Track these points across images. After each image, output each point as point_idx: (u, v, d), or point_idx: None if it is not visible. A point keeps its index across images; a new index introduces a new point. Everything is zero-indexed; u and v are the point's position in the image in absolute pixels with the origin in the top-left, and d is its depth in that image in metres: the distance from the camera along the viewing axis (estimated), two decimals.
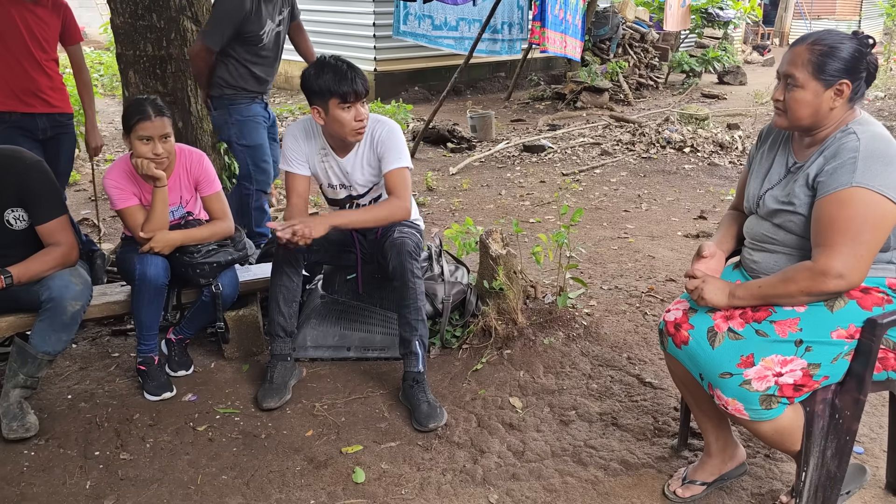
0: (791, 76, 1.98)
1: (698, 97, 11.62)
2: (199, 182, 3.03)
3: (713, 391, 2.03)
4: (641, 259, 4.52)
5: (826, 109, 1.97)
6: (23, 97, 3.58)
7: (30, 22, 3.54)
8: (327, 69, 2.73)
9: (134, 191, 2.92)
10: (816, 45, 1.96)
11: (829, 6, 22.48)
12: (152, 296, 2.85)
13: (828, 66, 1.94)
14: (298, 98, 11.49)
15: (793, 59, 1.98)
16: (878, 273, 2.01)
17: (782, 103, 2.01)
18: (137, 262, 2.82)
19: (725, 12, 13.98)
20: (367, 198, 3.08)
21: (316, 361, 3.20)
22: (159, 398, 2.90)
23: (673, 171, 6.91)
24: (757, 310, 2.06)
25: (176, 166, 2.98)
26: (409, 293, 2.83)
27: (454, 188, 6.39)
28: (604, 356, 3.20)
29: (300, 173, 2.96)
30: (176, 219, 3.01)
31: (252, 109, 3.91)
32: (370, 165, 2.96)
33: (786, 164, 2.12)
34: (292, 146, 2.95)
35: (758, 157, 2.25)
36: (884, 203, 1.88)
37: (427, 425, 2.69)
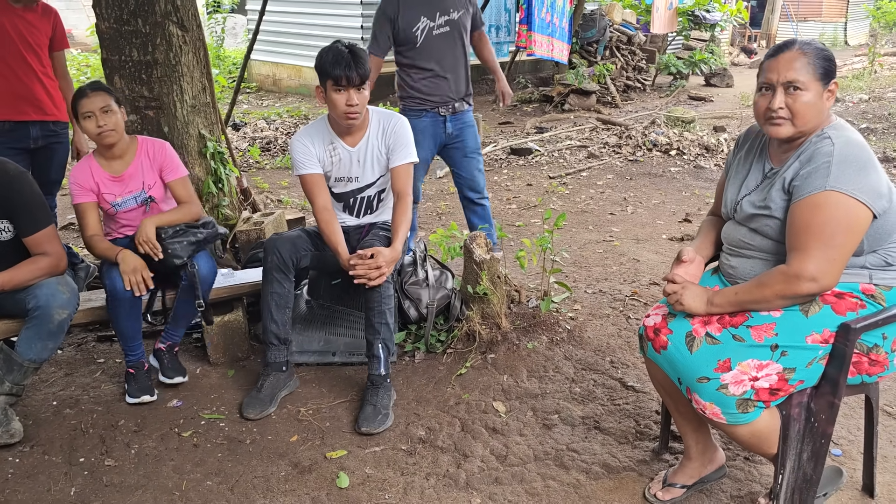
0: (795, 81, 1.96)
1: (685, 99, 11.69)
2: (164, 168, 3.09)
3: (691, 395, 2.06)
4: (626, 262, 4.56)
5: (821, 111, 2.00)
6: (16, 104, 3.59)
7: (21, 28, 3.55)
8: (331, 52, 2.84)
9: (92, 188, 2.98)
10: (804, 49, 1.98)
11: (816, 8, 22.63)
12: (127, 308, 2.87)
13: (824, 69, 1.97)
14: (287, 101, 11.50)
15: (787, 65, 1.97)
16: (852, 278, 2.04)
17: (786, 111, 1.98)
18: (107, 277, 2.84)
19: (712, 15, 14.05)
20: (372, 189, 3.11)
21: (301, 366, 3.21)
22: (137, 400, 2.94)
23: (659, 173, 6.96)
24: (734, 315, 2.09)
25: (138, 153, 3.07)
26: (374, 296, 2.86)
27: (441, 191, 6.41)
28: (587, 360, 3.23)
29: (316, 171, 3.01)
30: (139, 204, 3.06)
31: (417, 123, 3.71)
32: (381, 154, 3.04)
33: (762, 169, 2.15)
34: (301, 149, 3.00)
35: (735, 163, 2.27)
36: (857, 207, 1.90)
37: (360, 428, 2.74)
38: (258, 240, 3.86)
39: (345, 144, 3.01)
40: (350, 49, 2.83)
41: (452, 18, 3.72)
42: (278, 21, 11.80)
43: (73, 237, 5.02)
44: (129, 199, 3.04)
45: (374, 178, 3.08)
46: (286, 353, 3.01)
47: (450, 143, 3.92)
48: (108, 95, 2.93)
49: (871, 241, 2.00)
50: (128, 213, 3.05)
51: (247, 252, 3.80)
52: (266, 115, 9.69)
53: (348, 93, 2.83)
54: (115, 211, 3.03)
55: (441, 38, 3.73)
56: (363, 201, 3.14)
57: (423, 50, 3.72)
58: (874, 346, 2.02)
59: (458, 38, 3.79)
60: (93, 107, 2.88)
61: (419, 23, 3.67)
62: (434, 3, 3.70)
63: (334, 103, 2.86)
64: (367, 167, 3.05)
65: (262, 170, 7.25)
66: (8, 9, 3.50)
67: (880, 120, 8.87)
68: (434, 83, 3.78)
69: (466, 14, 3.80)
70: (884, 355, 2.03)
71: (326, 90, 2.87)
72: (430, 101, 3.81)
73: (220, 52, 13.08)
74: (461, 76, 3.85)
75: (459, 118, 3.90)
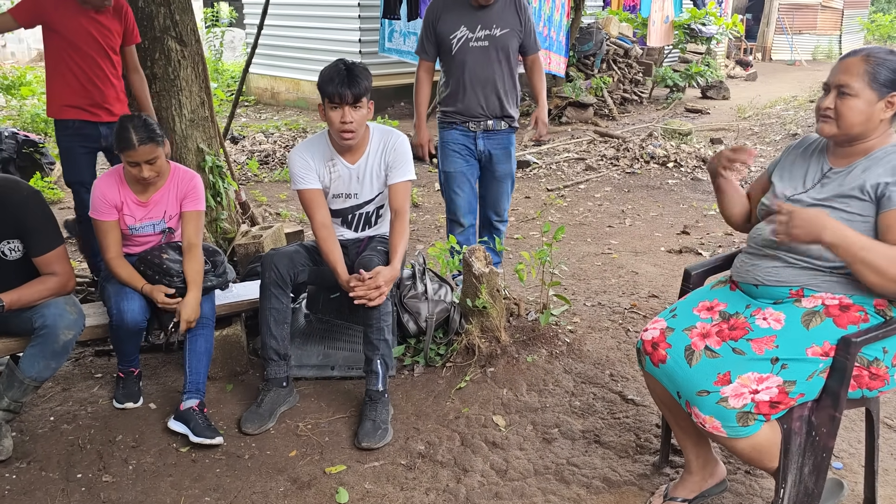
0: (845, 85, 2.03)
1: (682, 112, 11.73)
2: (186, 197, 3.04)
3: (691, 409, 2.05)
4: (625, 275, 4.56)
5: (876, 120, 2.04)
6: (89, 108, 3.64)
7: (94, 32, 3.60)
8: (329, 70, 2.85)
9: (116, 204, 2.93)
10: (871, 57, 2.04)
11: (811, 21, 22.76)
12: (131, 335, 2.88)
13: (882, 77, 2.01)
14: (285, 114, 11.52)
15: (846, 69, 2.04)
16: (870, 293, 2.03)
17: (833, 111, 2.05)
18: (114, 306, 2.81)
19: (708, 28, 14.12)
20: (371, 205, 3.12)
21: (300, 380, 3.20)
22: (122, 406, 2.96)
23: (656, 186, 6.98)
24: (734, 328, 2.09)
25: (168, 181, 3.01)
26: (372, 313, 2.85)
27: (440, 204, 6.41)
28: (586, 373, 3.22)
29: (314, 187, 3.01)
30: (157, 233, 3.03)
31: (447, 135, 3.80)
32: (380, 171, 3.05)
33: (822, 169, 2.17)
34: (300, 164, 3.00)
35: (787, 163, 2.28)
36: None
37: (360, 443, 2.73)
38: (257, 253, 3.85)
39: (344, 161, 3.02)
40: (348, 67, 2.83)
41: (493, 34, 3.63)
42: (276, 35, 11.84)
43: (71, 251, 5.00)
44: (148, 226, 3.00)
45: (373, 195, 3.09)
46: (286, 368, 2.99)
47: (481, 161, 3.84)
48: (155, 146, 2.81)
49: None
50: (142, 238, 3.03)
51: (245, 266, 3.80)
52: (264, 129, 9.70)
53: (343, 110, 2.83)
54: (131, 234, 3.00)
55: (477, 52, 3.64)
56: (362, 216, 3.14)
57: (457, 60, 3.68)
58: (875, 360, 2.02)
59: (498, 55, 3.67)
60: (139, 158, 2.80)
61: (457, 31, 3.64)
62: (478, 16, 3.63)
63: (330, 121, 2.88)
64: (366, 184, 3.05)
65: (261, 183, 7.26)
66: (81, 13, 3.56)
67: None
68: (462, 96, 3.72)
69: (512, 34, 3.67)
70: (884, 369, 2.02)
71: (325, 107, 2.89)
72: (458, 115, 3.75)
73: (218, 66, 13.12)
74: (496, 94, 3.71)
75: (492, 137, 3.78)
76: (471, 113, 3.72)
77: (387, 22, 8.11)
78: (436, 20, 3.69)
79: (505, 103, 3.75)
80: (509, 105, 3.79)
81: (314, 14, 11.46)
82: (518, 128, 3.94)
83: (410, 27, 8.30)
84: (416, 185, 7.00)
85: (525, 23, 3.71)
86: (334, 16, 11.11)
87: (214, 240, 4.25)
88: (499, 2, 3.65)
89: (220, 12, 16.07)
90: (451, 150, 3.80)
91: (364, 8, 10.53)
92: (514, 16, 3.67)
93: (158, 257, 2.91)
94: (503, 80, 3.71)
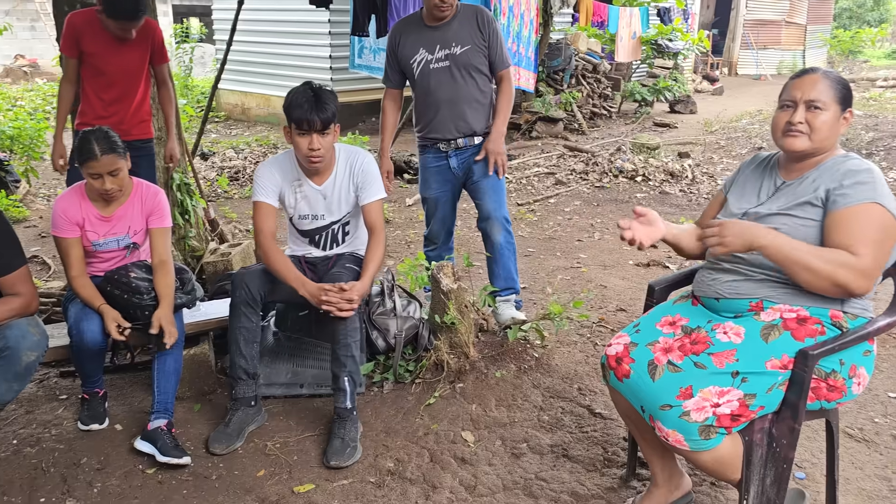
0: (816, 100, 2.10)
1: (650, 126, 11.90)
2: (151, 214, 3.02)
3: (654, 423, 2.08)
4: (594, 289, 4.60)
5: (837, 134, 2.13)
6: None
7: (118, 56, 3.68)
8: (296, 94, 2.83)
9: (77, 221, 2.90)
10: (828, 75, 2.13)
11: (775, 37, 23.24)
12: (92, 355, 2.85)
13: (842, 95, 2.11)
14: (256, 129, 11.49)
15: (812, 85, 2.11)
16: (825, 304, 2.08)
17: (805, 125, 2.10)
18: (74, 326, 2.78)
19: (675, 43, 14.38)
20: (337, 225, 3.12)
21: (268, 399, 3.18)
22: (87, 428, 2.92)
23: (625, 199, 7.06)
24: (695, 343, 2.13)
25: (131, 196, 2.99)
26: (340, 329, 2.85)
27: (410, 219, 6.43)
28: (555, 388, 3.25)
29: (271, 203, 3.01)
30: (121, 248, 3.01)
31: (422, 158, 3.75)
32: (348, 192, 3.04)
33: (774, 183, 2.23)
34: (266, 176, 3.00)
35: (740, 180, 2.35)
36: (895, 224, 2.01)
37: (329, 462, 2.72)
38: (225, 271, 3.84)
39: (311, 183, 3.02)
40: (315, 92, 2.82)
41: (453, 53, 3.50)
42: (247, 51, 11.83)
43: (36, 269, 4.93)
44: (112, 241, 2.98)
45: (340, 216, 3.10)
46: (255, 387, 2.98)
47: (465, 180, 3.71)
48: (117, 157, 2.81)
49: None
50: (107, 254, 3.00)
51: (214, 284, 3.78)
52: (235, 145, 9.67)
53: (311, 137, 2.83)
54: (94, 250, 2.97)
55: (439, 73, 3.53)
56: (328, 235, 3.15)
57: (420, 83, 3.60)
58: (832, 372, 2.06)
59: (461, 73, 3.53)
60: (102, 170, 2.79)
61: (416, 55, 3.55)
62: (435, 36, 3.51)
63: (297, 146, 2.88)
64: (333, 205, 3.06)
65: (231, 199, 7.22)
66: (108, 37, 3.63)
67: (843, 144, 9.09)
68: (429, 118, 3.64)
69: (474, 50, 3.51)
70: (841, 381, 2.07)
71: (291, 132, 2.88)
72: (429, 137, 3.67)
73: (188, 82, 13.05)
74: (463, 114, 3.57)
75: (464, 153, 3.64)
76: (440, 134, 3.62)
77: (356, 39, 8.13)
78: (396, 46, 3.62)
79: (473, 122, 3.61)
80: (478, 122, 3.63)
81: (285, 30, 11.47)
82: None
83: (380, 43, 8.32)
84: (387, 201, 7.01)
85: (489, 37, 3.53)
86: (305, 32, 11.12)
87: (183, 258, 4.23)
88: (456, 19, 3.51)
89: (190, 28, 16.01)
90: (427, 174, 3.75)
91: (334, 24, 10.57)
92: (474, 31, 3.51)
93: (126, 276, 2.89)
94: (469, 98, 3.58)
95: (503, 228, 3.63)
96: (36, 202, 6.70)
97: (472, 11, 3.54)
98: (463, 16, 3.53)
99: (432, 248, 3.87)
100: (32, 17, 17.71)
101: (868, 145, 9.01)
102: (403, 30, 3.62)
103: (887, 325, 2.14)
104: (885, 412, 3.12)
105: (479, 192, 3.64)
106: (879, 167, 7.91)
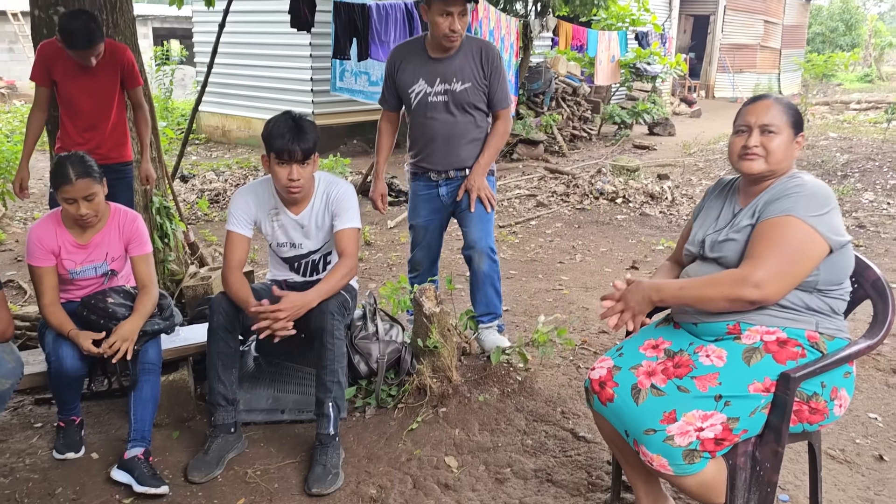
0: (770, 125, 2.15)
1: (630, 148, 12.01)
2: (130, 241, 2.99)
3: (638, 447, 2.07)
4: (576, 311, 4.61)
5: (791, 156, 2.18)
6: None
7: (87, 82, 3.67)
8: (277, 123, 2.80)
9: (53, 249, 2.86)
10: (779, 101, 2.20)
11: (751, 60, 23.64)
12: (70, 382, 2.80)
13: (794, 119, 2.18)
14: (236, 152, 11.46)
15: (765, 111, 2.18)
16: (800, 325, 2.10)
17: (760, 148, 2.16)
18: (52, 353, 2.73)
19: (653, 67, 14.58)
20: (317, 254, 3.10)
21: (249, 425, 3.14)
22: (62, 457, 2.86)
23: (606, 221, 7.10)
24: (678, 366, 2.13)
25: (109, 222, 2.95)
26: (326, 354, 2.82)
27: (392, 242, 6.42)
28: (538, 411, 3.23)
29: (243, 234, 2.98)
30: (98, 276, 2.96)
31: (413, 185, 3.70)
32: (324, 222, 3.02)
33: (732, 210, 2.28)
34: (241, 206, 2.98)
35: (705, 207, 2.40)
36: (814, 235, 2.04)
37: (311, 489, 2.68)
38: (205, 295, 3.80)
39: (289, 212, 3.00)
40: (296, 122, 2.79)
41: (453, 89, 3.44)
42: (228, 73, 11.83)
43: (12, 294, 4.86)
44: (89, 269, 2.93)
45: (317, 245, 3.08)
46: (234, 413, 2.93)
47: (454, 208, 3.67)
48: (92, 181, 2.77)
49: (826, 276, 2.09)
50: (84, 282, 2.96)
51: (193, 308, 3.74)
52: (215, 167, 9.63)
53: (291, 167, 2.80)
54: (72, 278, 2.92)
55: (436, 107, 3.48)
56: (309, 264, 3.14)
57: (417, 114, 3.55)
58: (814, 395, 2.07)
59: (458, 109, 3.48)
60: (76, 194, 2.74)
61: (416, 85, 3.49)
62: (436, 69, 3.44)
63: (276, 176, 2.84)
64: (311, 234, 3.04)
65: (211, 222, 7.18)
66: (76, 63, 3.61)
67: (814, 167, 9.23)
68: (423, 149, 3.60)
69: (474, 88, 3.45)
70: (823, 404, 2.08)
71: (270, 161, 2.84)
72: (420, 165, 3.64)
73: (168, 104, 13.02)
74: (456, 150, 3.53)
75: (453, 183, 3.60)
76: (432, 166, 3.60)
77: (338, 62, 8.17)
78: (394, 70, 3.55)
79: (466, 158, 3.56)
80: (472, 158, 3.58)
81: (267, 53, 11.49)
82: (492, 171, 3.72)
83: (361, 67, 8.38)
84: (370, 223, 7.01)
85: (491, 75, 3.47)
86: (286, 55, 11.15)
87: (162, 282, 4.18)
88: (459, 53, 3.44)
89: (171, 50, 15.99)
90: (416, 201, 3.72)
91: (315, 47, 10.60)
92: (476, 68, 3.45)
93: (103, 301, 2.85)
94: (464, 135, 3.53)
95: (487, 258, 3.60)
96: (12, 225, 6.61)
97: (476, 46, 3.48)
98: (467, 50, 3.45)
99: (415, 275, 3.83)
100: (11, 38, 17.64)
101: (843, 167, 9.14)
102: (404, 56, 3.54)
103: (868, 347, 2.15)
104: (866, 433, 3.13)
105: (466, 220, 3.62)
106: (854, 188, 8.06)
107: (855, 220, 6.90)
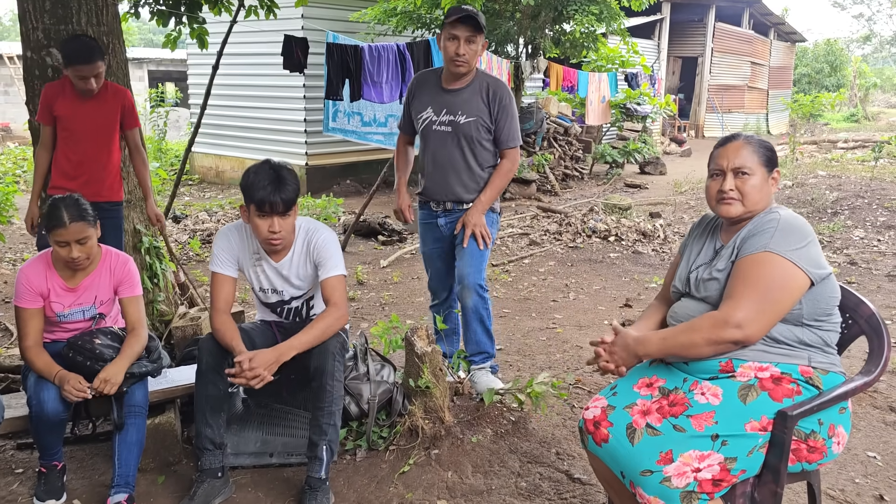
0: (743, 167, 2.16)
1: (622, 187, 12.08)
2: (121, 283, 2.95)
3: (635, 489, 2.02)
4: (570, 349, 4.56)
5: (768, 195, 2.18)
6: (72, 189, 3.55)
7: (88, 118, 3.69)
8: (257, 173, 2.73)
9: (42, 291, 2.81)
10: (749, 141, 2.20)
11: (739, 101, 23.98)
12: (52, 426, 2.72)
13: (766, 157, 2.19)
14: (229, 192, 11.46)
15: (736, 153, 2.18)
16: (792, 360, 2.08)
17: (736, 192, 2.16)
18: (34, 396, 2.66)
19: (643, 107, 14.75)
20: (299, 300, 3.05)
21: (237, 469, 3.06)
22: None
23: (599, 259, 7.09)
24: (674, 404, 2.09)
25: (99, 265, 2.91)
26: (325, 395, 2.77)
27: (385, 281, 6.39)
28: (532, 452, 3.17)
29: (228, 275, 2.94)
30: (87, 319, 2.92)
31: (419, 212, 3.71)
32: (306, 270, 2.96)
33: (714, 247, 2.29)
34: (224, 246, 2.93)
35: (689, 245, 2.41)
36: (793, 269, 2.03)
37: None
38: (194, 336, 3.74)
39: (270, 260, 2.95)
40: (276, 172, 2.73)
41: (457, 121, 3.46)
42: (222, 114, 11.91)
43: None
44: (77, 312, 2.89)
45: (299, 292, 3.03)
46: (221, 458, 2.86)
47: (453, 240, 3.66)
48: (86, 225, 2.73)
49: (810, 307, 2.07)
50: (71, 325, 2.91)
51: (182, 349, 3.68)
52: (208, 207, 9.62)
53: (271, 219, 2.74)
54: (59, 321, 2.88)
55: (440, 136, 3.51)
56: (291, 310, 3.09)
57: (423, 140, 3.62)
58: (812, 433, 2.03)
59: (460, 142, 3.49)
60: (69, 237, 2.70)
61: (424, 112, 3.55)
62: (445, 100, 3.49)
63: (256, 228, 2.77)
64: (293, 281, 2.98)
65: (203, 262, 7.13)
66: (79, 99, 3.65)
67: (804, 204, 9.28)
68: (426, 176, 3.64)
69: (478, 124, 3.45)
70: (821, 442, 2.04)
71: (250, 213, 2.77)
72: (423, 194, 3.67)
73: (162, 145, 13.06)
74: (454, 181, 3.53)
75: (452, 215, 3.60)
76: (432, 194, 3.62)
77: (330, 102, 8.24)
78: (411, 97, 3.65)
79: (462, 192, 3.55)
80: (469, 192, 3.56)
81: (260, 94, 11.59)
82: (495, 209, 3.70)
83: (354, 107, 8.45)
84: (362, 262, 6.98)
85: (497, 114, 3.47)
86: (280, 96, 11.24)
87: (151, 322, 4.13)
88: (470, 87, 3.47)
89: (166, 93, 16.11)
90: (422, 229, 3.76)
91: (309, 88, 10.70)
92: (482, 105, 3.46)
93: (90, 342, 2.80)
94: (463, 168, 3.52)
95: (475, 293, 3.57)
96: (1, 267, 6.56)
97: (486, 83, 3.49)
98: (478, 84, 3.48)
99: (436, 303, 3.91)
100: (6, 81, 17.77)
101: (833, 204, 9.19)
102: (422, 84, 3.64)
103: (864, 384, 2.12)
104: (866, 472, 3.08)
105: (459, 255, 3.61)
106: (844, 225, 8.09)
107: (846, 257, 6.92)
